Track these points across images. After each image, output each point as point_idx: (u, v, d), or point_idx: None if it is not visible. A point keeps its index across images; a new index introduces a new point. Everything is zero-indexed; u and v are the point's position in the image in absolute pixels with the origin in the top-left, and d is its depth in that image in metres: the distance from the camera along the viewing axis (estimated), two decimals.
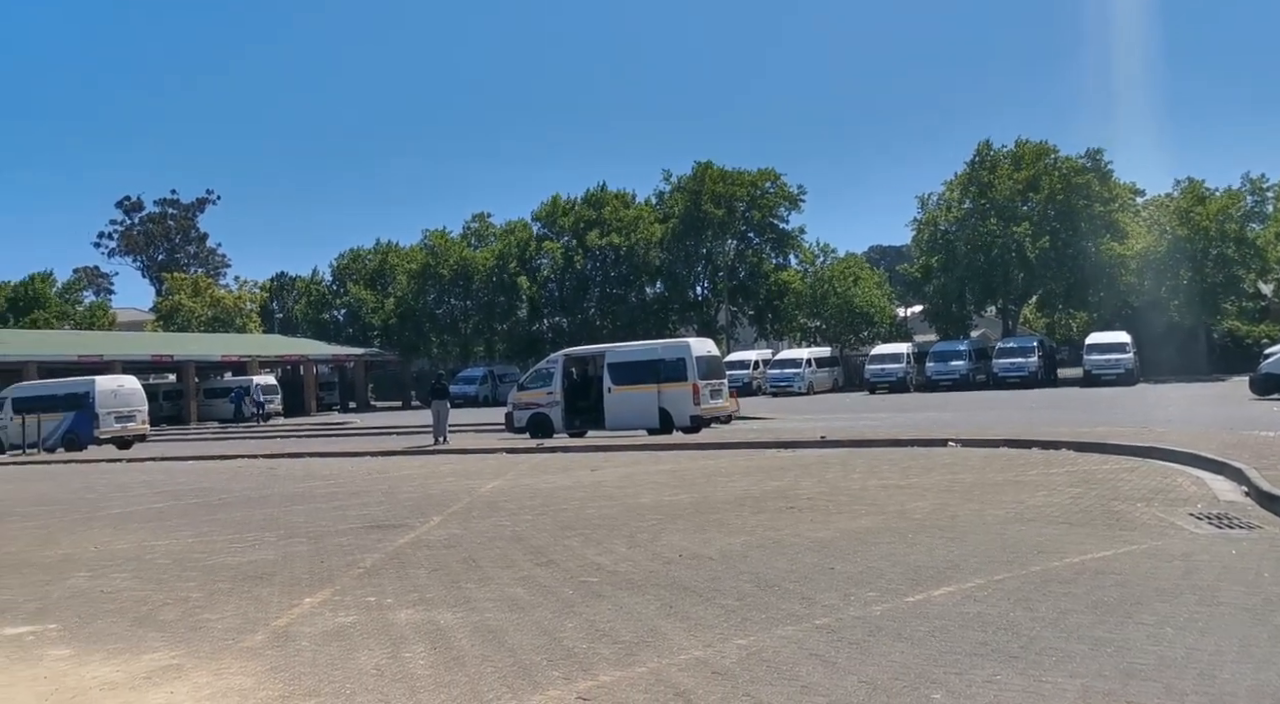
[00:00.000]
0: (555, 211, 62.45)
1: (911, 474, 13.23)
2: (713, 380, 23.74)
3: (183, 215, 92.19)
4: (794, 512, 10.34)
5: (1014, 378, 43.26)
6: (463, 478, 15.78)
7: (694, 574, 7.42)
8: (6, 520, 13.26)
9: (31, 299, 66.50)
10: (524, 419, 24.46)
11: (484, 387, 54.79)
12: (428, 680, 5.12)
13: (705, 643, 5.55)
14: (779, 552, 8.17)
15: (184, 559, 9.33)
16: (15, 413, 32.00)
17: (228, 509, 13.29)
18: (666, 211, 60.71)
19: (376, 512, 12.13)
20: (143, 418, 33.40)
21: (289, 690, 5.09)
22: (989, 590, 6.46)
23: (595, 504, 11.74)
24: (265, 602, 7.25)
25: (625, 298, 60.67)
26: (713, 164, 59.20)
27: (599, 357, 24.81)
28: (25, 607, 7.53)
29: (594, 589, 7.09)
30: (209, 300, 69.75)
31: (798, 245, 60.74)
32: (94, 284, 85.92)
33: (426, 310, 63.26)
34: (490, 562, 8.36)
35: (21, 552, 10.35)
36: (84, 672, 5.64)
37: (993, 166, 52.66)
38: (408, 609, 6.76)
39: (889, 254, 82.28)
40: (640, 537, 9.27)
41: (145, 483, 18.25)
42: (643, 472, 15.42)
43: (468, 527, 10.42)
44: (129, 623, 6.80)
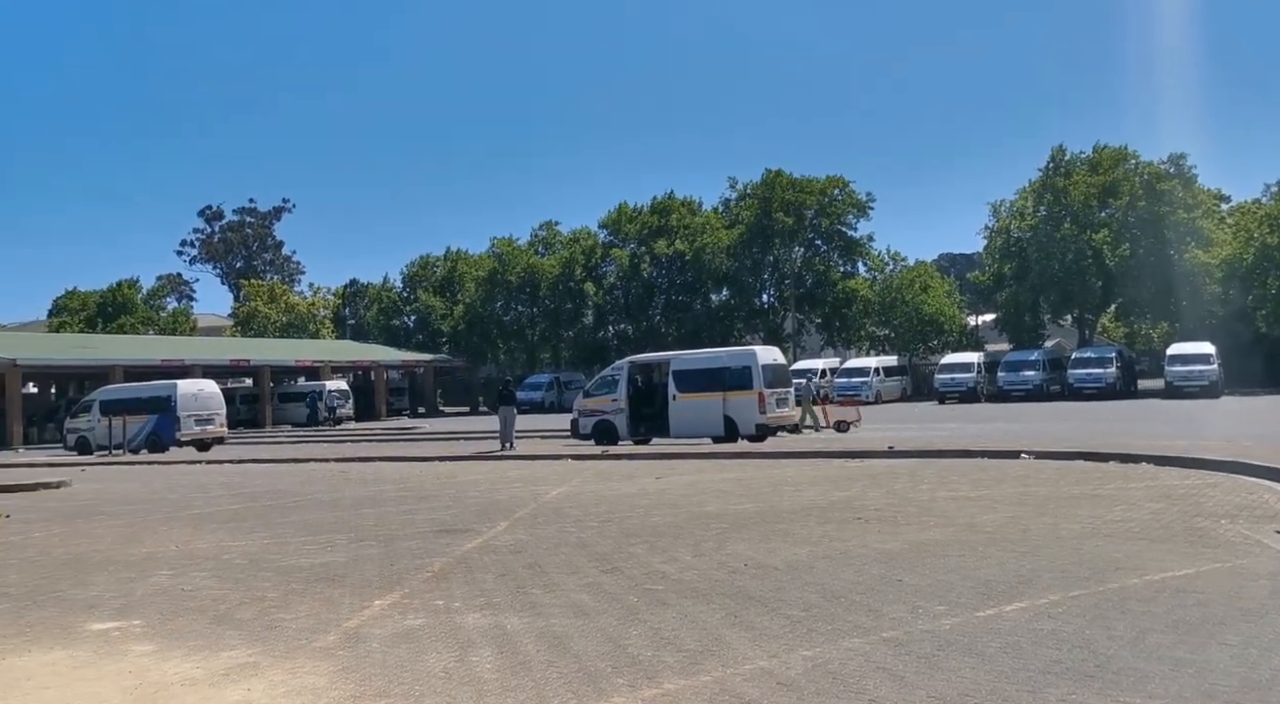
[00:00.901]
0: (621, 219, 62.74)
1: (982, 486, 12.98)
2: (779, 389, 23.59)
3: (260, 224, 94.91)
4: (861, 522, 10.22)
5: (1091, 389, 42.15)
6: (529, 484, 15.92)
7: (759, 584, 7.38)
8: (95, 519, 13.76)
9: (119, 305, 69.00)
10: (589, 426, 24.58)
11: (550, 393, 55.21)
12: (494, 684, 5.18)
13: (770, 653, 5.52)
14: (845, 563, 8.08)
15: (260, 560, 9.58)
16: (102, 415, 33.18)
17: (301, 511, 13.61)
18: (733, 219, 60.56)
19: (444, 516, 12.31)
20: (221, 421, 34.34)
21: (360, 691, 5.20)
22: (1064, 607, 6.30)
23: (660, 512, 11.75)
24: (337, 603, 7.40)
25: (691, 305, 60.62)
26: (783, 172, 58.92)
27: (664, 364, 24.83)
28: (111, 603, 7.81)
29: (659, 597, 7.10)
30: (284, 306, 71.57)
31: (866, 253, 60.08)
32: (177, 291, 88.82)
33: (494, 317, 64.03)
34: (556, 568, 8.42)
35: (108, 549, 10.73)
36: (166, 667, 5.83)
37: (1068, 172, 51.44)
38: (475, 613, 6.84)
39: (959, 262, 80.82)
40: (705, 545, 9.25)
41: (223, 484, 18.78)
42: (708, 480, 15.38)
43: (534, 532, 10.52)
44: (208, 621, 7.01)
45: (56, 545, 11.27)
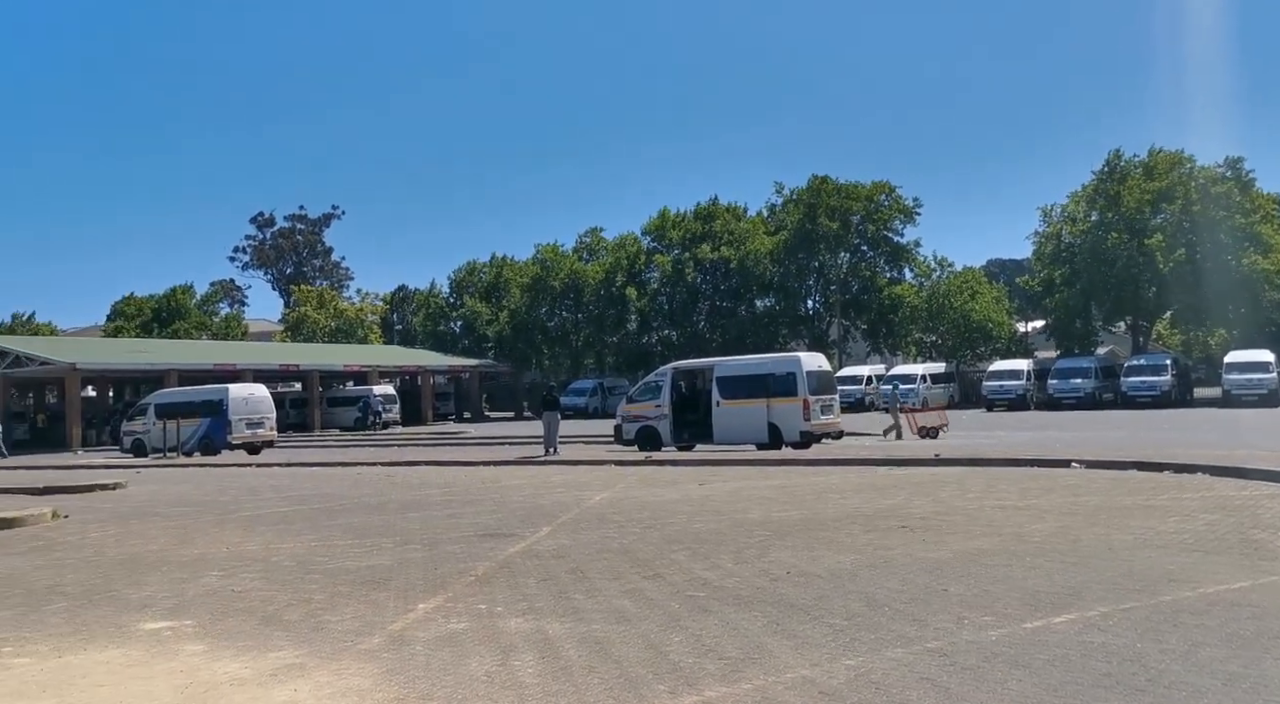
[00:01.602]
0: (665, 225, 62.79)
1: (1031, 495, 12.78)
2: (824, 395, 23.43)
3: (310, 230, 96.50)
4: (906, 531, 10.11)
5: (1144, 397, 41.29)
6: (572, 489, 15.98)
7: (802, 592, 7.34)
8: (149, 520, 14.07)
9: (173, 310, 70.52)
10: (632, 431, 24.59)
11: (594, 398, 55.38)
12: (535, 689, 5.21)
13: (812, 662, 5.48)
14: (889, 571, 8.00)
15: (307, 562, 9.72)
16: (157, 418, 33.93)
17: (348, 514, 13.79)
18: (778, 224, 60.30)
19: (488, 520, 12.39)
20: (271, 424, 34.90)
21: (404, 693, 5.25)
22: (1114, 619, 6.18)
23: (703, 518, 11.72)
24: (382, 606, 7.49)
25: (735, 311, 60.46)
26: (829, 178, 58.59)
27: (708, 370, 24.77)
28: (164, 603, 7.98)
29: (700, 604, 7.08)
30: (333, 312, 72.64)
31: (913, 259, 59.49)
32: (229, 296, 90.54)
33: (539, 323, 64.39)
34: (598, 573, 8.44)
35: (161, 550, 10.96)
36: (216, 667, 5.94)
37: (1123, 177, 50.50)
38: (517, 618, 6.88)
39: (1008, 268, 79.65)
40: (748, 552, 9.21)
41: (273, 487, 19.09)
42: (751, 487, 15.32)
43: (576, 538, 10.55)
44: (257, 622, 7.13)
45: (112, 546, 11.54)
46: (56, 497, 17.90)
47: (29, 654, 6.43)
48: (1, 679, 5.83)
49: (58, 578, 9.38)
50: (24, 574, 9.69)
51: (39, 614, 7.73)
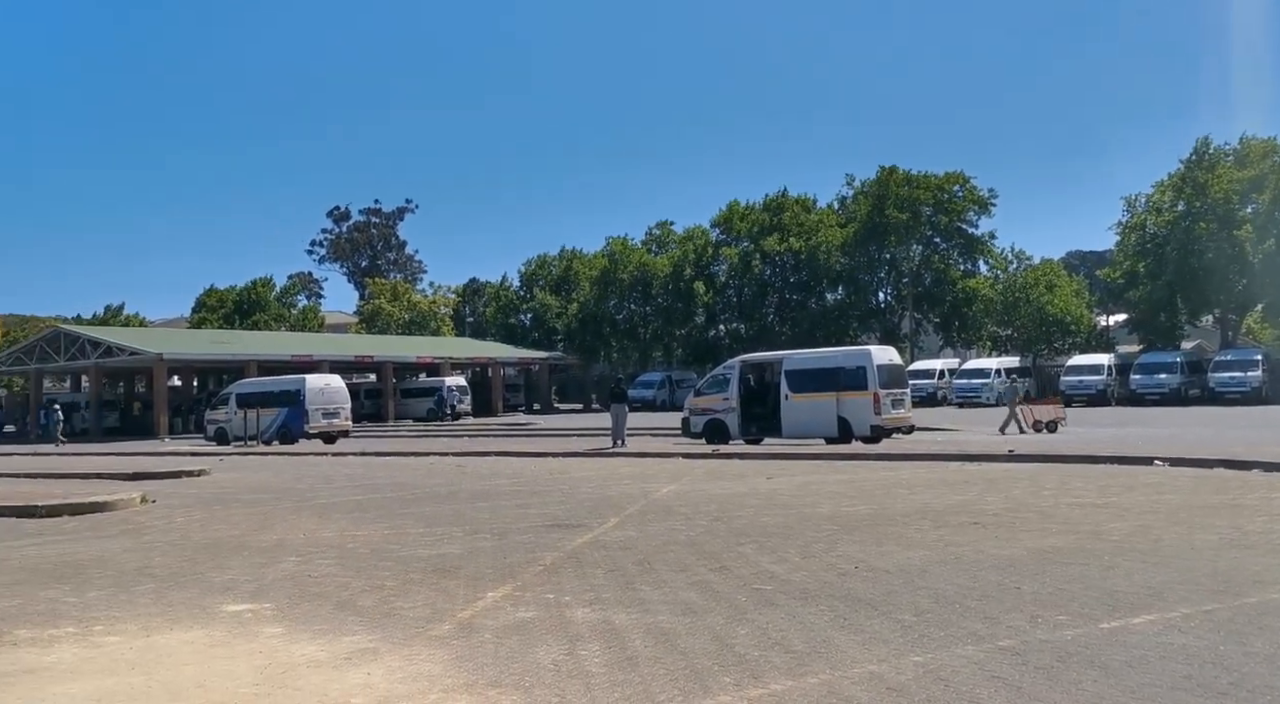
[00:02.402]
0: (733, 217, 62.48)
1: (1109, 493, 12.44)
2: (894, 390, 23.11)
3: (384, 224, 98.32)
4: (977, 527, 9.94)
5: (1233, 394, 39.85)
6: (639, 481, 16.04)
7: (870, 587, 7.26)
8: (231, 506, 14.53)
9: (253, 302, 72.48)
10: (700, 424, 24.57)
11: (661, 391, 55.43)
12: (602, 678, 5.25)
13: (880, 658, 5.43)
14: (960, 568, 7.87)
15: (380, 549, 9.94)
16: (238, 407, 34.94)
17: (420, 504, 14.05)
18: (849, 216, 59.56)
19: (556, 511, 12.52)
20: (346, 415, 35.67)
21: (473, 679, 5.34)
22: (1196, 621, 5.99)
23: (770, 512, 11.68)
24: (452, 594, 7.62)
25: (804, 304, 59.92)
26: (897, 168, 57.66)
27: (776, 363, 24.62)
28: (245, 587, 8.24)
29: (767, 597, 7.06)
30: (406, 304, 73.92)
31: (988, 251, 58.24)
32: (306, 289, 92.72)
33: (607, 315, 64.66)
34: (665, 565, 8.47)
35: (242, 536, 11.32)
36: (293, 649, 6.12)
37: (1212, 165, 48.68)
38: (584, 608, 6.94)
39: (1089, 259, 77.36)
40: (815, 547, 9.15)
41: (347, 476, 19.54)
42: (819, 481, 15.20)
43: (643, 529, 10.59)
44: (332, 607, 7.32)
45: (196, 530, 11.95)
46: (145, 482, 18.60)
47: (119, 633, 6.70)
48: (93, 657, 6.09)
49: (146, 560, 9.75)
50: (115, 556, 10.09)
51: (129, 594, 8.05)
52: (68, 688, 5.41)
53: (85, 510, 14.10)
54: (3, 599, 8.01)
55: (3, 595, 8.17)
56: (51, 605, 7.69)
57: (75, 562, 9.81)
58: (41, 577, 9.01)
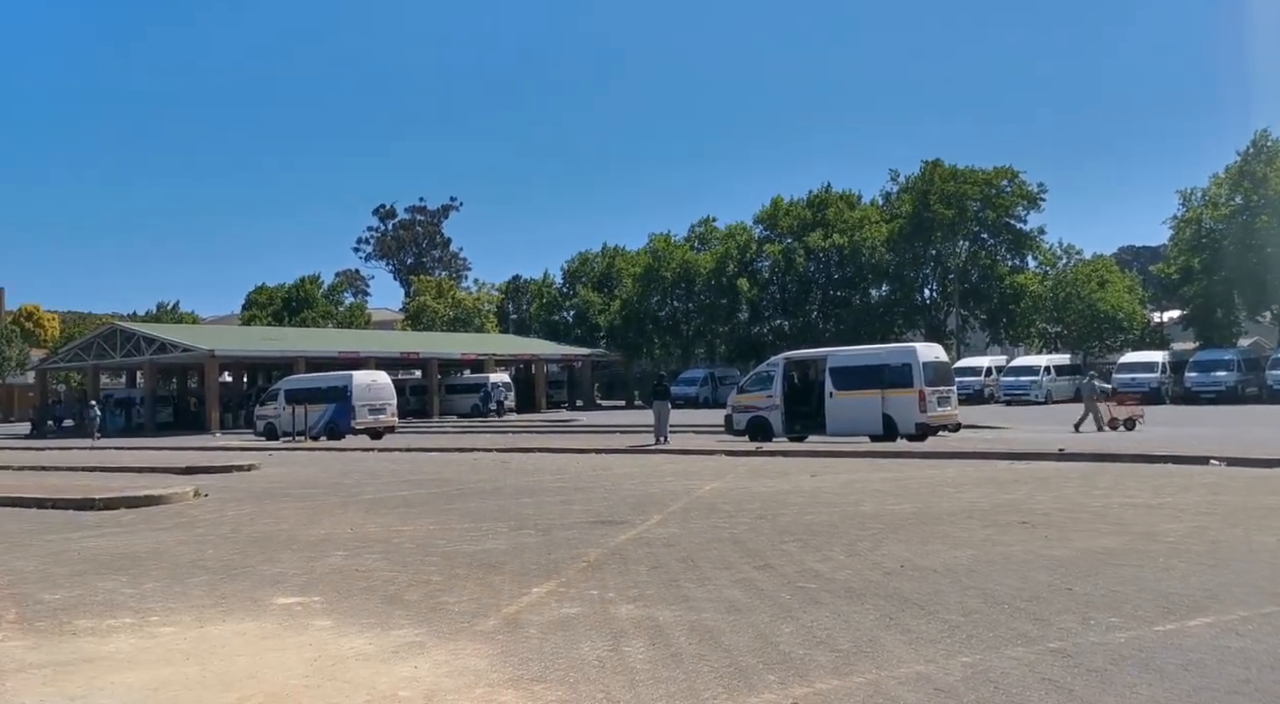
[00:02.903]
0: (776, 213, 62.16)
1: (1164, 493, 12.19)
2: (940, 387, 22.84)
3: (429, 222, 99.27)
4: (1027, 527, 9.79)
5: None
6: (682, 478, 16.03)
7: (916, 586, 7.19)
8: (280, 500, 14.77)
9: (302, 300, 73.66)
10: (743, 422, 24.48)
11: (704, 388, 55.33)
12: (646, 675, 5.26)
13: (927, 658, 5.37)
14: (1009, 568, 7.76)
15: (426, 544, 10.04)
16: (287, 403, 35.47)
17: (465, 499, 14.17)
18: (893, 212, 58.95)
19: (600, 507, 12.55)
20: (392, 411, 36.02)
21: (518, 674, 5.38)
22: (1255, 624, 5.85)
23: (814, 510, 11.61)
24: (497, 589, 7.68)
25: (849, 300, 59.45)
26: (941, 162, 56.95)
27: (820, 360, 24.45)
28: (294, 580, 8.37)
29: (812, 595, 7.02)
30: (451, 301, 74.59)
31: (1036, 246, 57.34)
32: (353, 286, 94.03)
33: (650, 312, 64.68)
34: (708, 562, 8.46)
35: (291, 529, 11.50)
36: (342, 642, 6.21)
37: (1270, 158, 47.44)
38: (628, 604, 6.96)
39: (1142, 255, 75.89)
40: (860, 545, 9.08)
41: (393, 472, 19.76)
42: (864, 479, 15.08)
43: (686, 526, 10.59)
44: (379, 600, 7.41)
45: (247, 523, 12.17)
46: (198, 476, 18.97)
47: (174, 624, 6.85)
48: (149, 647, 6.23)
49: (199, 553, 9.95)
50: (169, 548, 10.31)
51: (183, 586, 8.22)
52: (125, 677, 5.54)
53: (141, 504, 14.43)
54: (63, 589, 8.23)
55: (63, 586, 8.39)
56: (109, 596, 7.88)
57: (132, 553, 10.04)
58: (100, 568, 9.24)
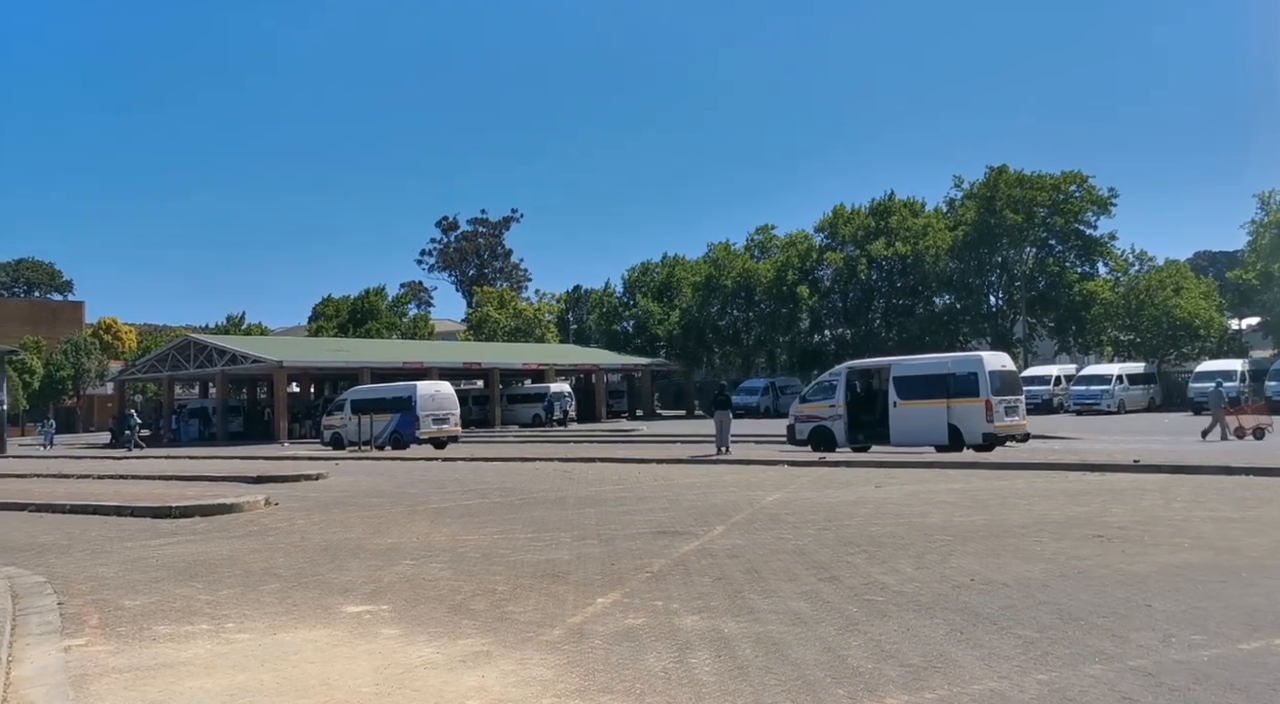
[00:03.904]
0: (838, 221, 61.67)
1: (1247, 506, 11.77)
2: (1008, 396, 22.39)
3: (491, 233, 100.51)
4: (1102, 541, 9.53)
5: None
6: (744, 488, 15.93)
7: (987, 600, 7.04)
8: (348, 509, 15.02)
9: (367, 311, 74.97)
10: (806, 431, 24.27)
11: (765, 398, 55.00)
12: (713, 687, 5.22)
13: (1001, 674, 5.25)
14: (1084, 583, 7.56)
15: (491, 553, 10.12)
16: (353, 413, 36.09)
17: (528, 508, 14.26)
18: (957, 219, 58.07)
19: (662, 518, 12.53)
20: (455, 420, 36.41)
21: (584, 685, 5.38)
22: None
23: (880, 521, 11.44)
24: (562, 599, 7.70)
25: (911, 309, 58.67)
26: (1007, 168, 55.97)
27: (884, 369, 24.15)
28: (363, 588, 8.50)
29: (879, 608, 6.92)
30: (512, 312, 75.32)
31: (1107, 252, 56.02)
32: (417, 297, 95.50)
33: (710, 321, 64.57)
34: (773, 574, 8.38)
35: (359, 538, 11.69)
36: (410, 650, 6.28)
37: None
38: (693, 615, 6.92)
39: (1219, 260, 73.58)
40: (928, 557, 8.92)
41: (457, 481, 19.97)
42: (930, 490, 14.83)
43: (750, 537, 10.51)
44: (446, 610, 7.48)
45: (316, 532, 12.39)
46: (268, 485, 19.40)
47: (248, 630, 7.00)
48: (225, 653, 6.37)
49: (271, 561, 10.16)
50: (242, 556, 10.55)
51: (256, 593, 8.40)
52: (203, 683, 5.68)
53: (215, 512, 14.80)
54: (142, 596, 8.46)
55: (142, 592, 8.63)
56: (187, 602, 8.08)
57: (207, 561, 10.30)
58: (177, 575, 9.49)
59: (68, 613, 7.81)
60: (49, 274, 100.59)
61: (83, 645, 6.70)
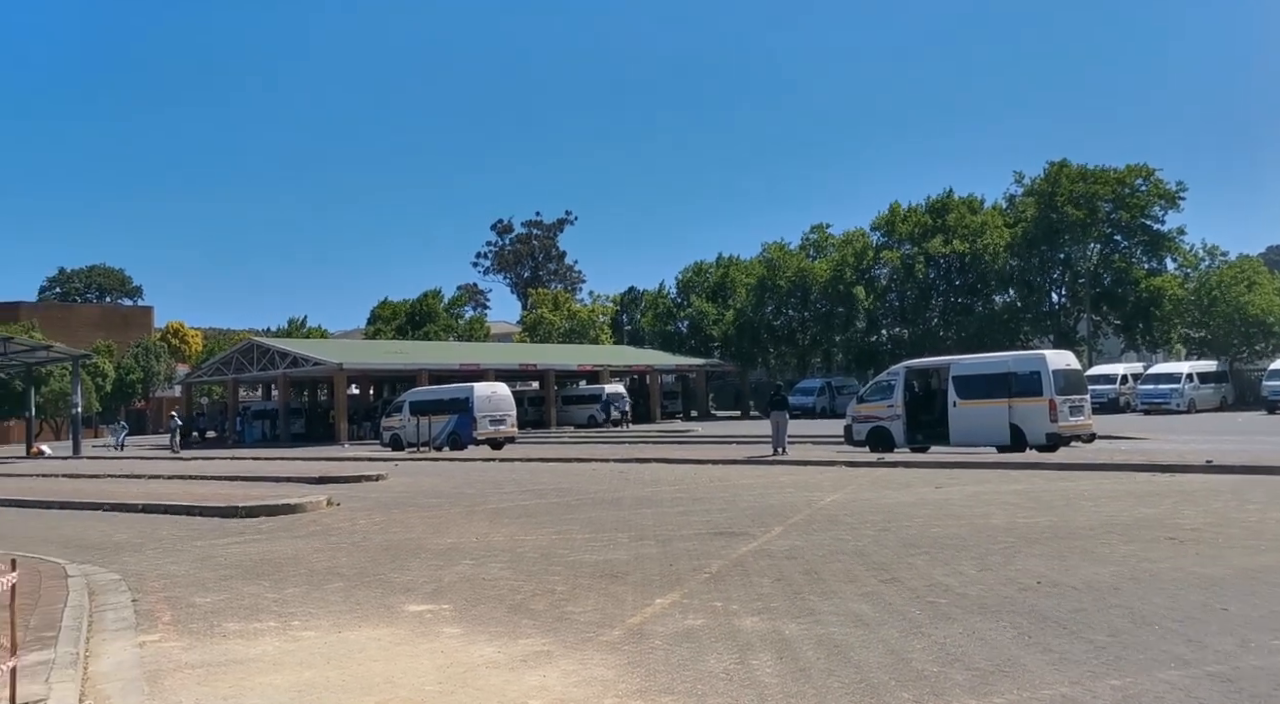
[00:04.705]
0: (894, 219, 60.87)
1: None
2: (1072, 395, 21.89)
3: (545, 235, 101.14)
4: (1174, 543, 9.27)
5: None
6: (801, 489, 15.81)
7: (1055, 603, 6.89)
8: (408, 509, 15.22)
9: (424, 314, 75.87)
10: (863, 432, 24.00)
11: (821, 398, 54.51)
12: (775, 689, 5.19)
13: (1072, 679, 5.13)
14: (1156, 586, 7.36)
15: (549, 554, 10.17)
16: (411, 414, 36.55)
17: (585, 509, 14.31)
18: (1017, 215, 56.97)
19: (719, 518, 12.48)
20: (512, 421, 36.66)
21: (646, 686, 5.38)
22: None
23: (940, 523, 11.27)
24: (620, 599, 7.71)
25: (970, 307, 57.70)
26: (1068, 162, 54.75)
27: (943, 369, 23.78)
28: (424, 588, 8.60)
29: (942, 611, 6.81)
30: (567, 313, 75.68)
31: (1176, 248, 54.48)
32: (473, 299, 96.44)
33: (764, 321, 64.18)
34: (832, 575, 8.30)
35: (419, 538, 11.83)
36: (472, 650, 6.33)
37: None
38: (752, 617, 6.88)
39: None
40: (991, 559, 8.76)
41: (514, 481, 20.12)
42: (992, 491, 14.57)
43: (808, 538, 10.43)
44: (506, 609, 7.54)
45: (377, 532, 12.58)
46: (330, 485, 19.74)
47: (314, 628, 7.12)
48: (292, 650, 6.49)
49: (334, 560, 10.34)
50: (307, 555, 10.75)
51: (320, 592, 8.54)
52: (272, 679, 5.79)
53: (280, 512, 15.11)
54: (212, 593, 8.67)
55: (212, 590, 8.84)
56: (255, 600, 8.26)
57: (273, 560, 10.51)
58: (245, 573, 9.70)
59: (141, 609, 8.03)
60: (120, 280, 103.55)
61: (156, 641, 6.88)
